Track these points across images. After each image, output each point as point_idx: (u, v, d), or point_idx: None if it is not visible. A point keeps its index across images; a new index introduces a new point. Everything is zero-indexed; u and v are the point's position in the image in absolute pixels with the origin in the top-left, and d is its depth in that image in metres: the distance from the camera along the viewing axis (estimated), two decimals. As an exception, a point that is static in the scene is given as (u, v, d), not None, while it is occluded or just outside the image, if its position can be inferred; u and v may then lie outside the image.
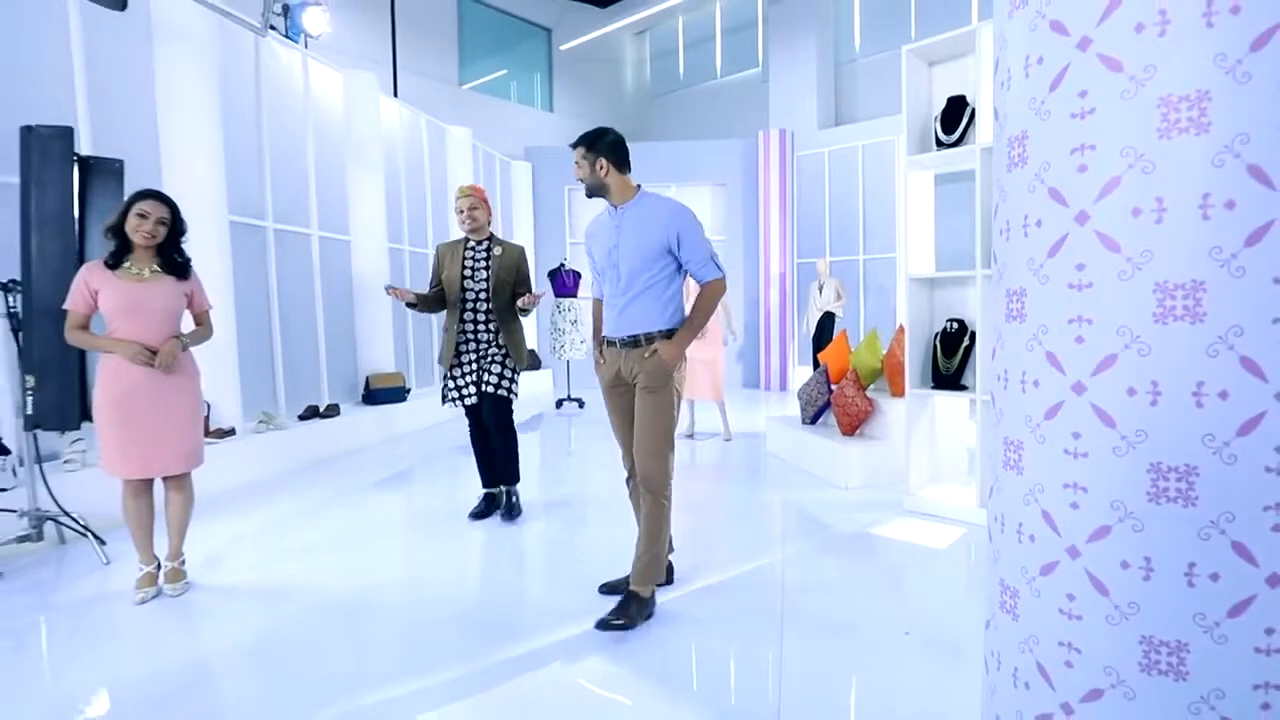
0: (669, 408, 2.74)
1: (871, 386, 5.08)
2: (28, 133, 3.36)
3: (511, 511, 4.06)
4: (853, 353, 5.21)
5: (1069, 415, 1.20)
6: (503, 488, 4.11)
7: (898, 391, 4.72)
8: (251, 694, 2.29)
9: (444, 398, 4.00)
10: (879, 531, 3.79)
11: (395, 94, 9.27)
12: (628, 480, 3.01)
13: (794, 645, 2.53)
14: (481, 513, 4.12)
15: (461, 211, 3.90)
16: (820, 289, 8.59)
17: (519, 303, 3.88)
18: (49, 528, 3.57)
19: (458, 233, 8.94)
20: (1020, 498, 1.31)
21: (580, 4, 13.72)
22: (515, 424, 4.09)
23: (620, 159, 2.81)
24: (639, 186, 2.87)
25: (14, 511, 3.44)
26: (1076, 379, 1.18)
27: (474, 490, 4.29)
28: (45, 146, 3.39)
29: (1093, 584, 1.17)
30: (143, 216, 2.90)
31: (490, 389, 3.90)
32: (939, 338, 4.04)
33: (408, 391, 7.26)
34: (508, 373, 3.93)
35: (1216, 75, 1.02)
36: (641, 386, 2.74)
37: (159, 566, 3.09)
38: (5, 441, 3.68)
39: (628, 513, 3.11)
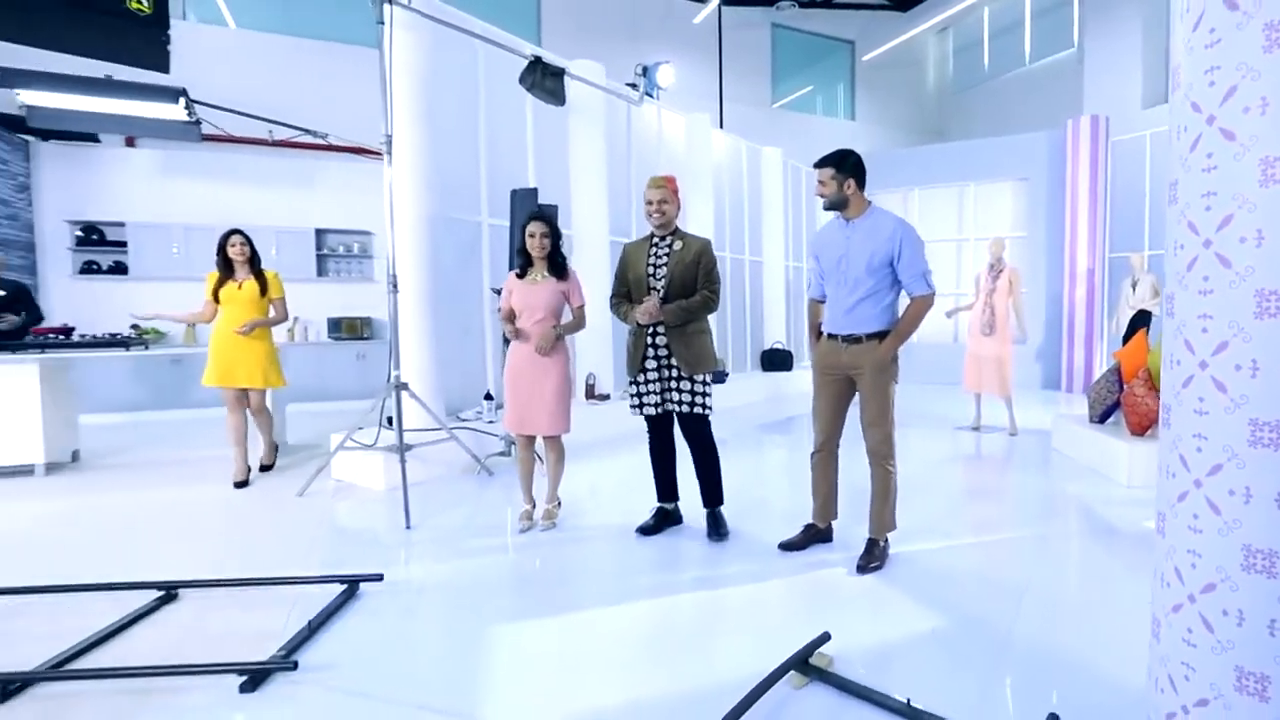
0: (889, 391, 3.02)
1: (1167, 387, 4.73)
2: (514, 193, 4.88)
3: (719, 530, 3.51)
4: (1150, 351, 4.86)
5: (1197, 385, 1.54)
6: (707, 509, 3.59)
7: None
8: (591, 592, 3.26)
9: (630, 405, 3.56)
10: (1151, 525, 3.72)
11: (721, 125, 10.31)
12: (813, 454, 3.30)
13: (1029, 612, 2.76)
14: (651, 528, 3.59)
15: (651, 203, 3.41)
16: (1134, 285, 7.63)
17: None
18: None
19: (771, 237, 9.74)
20: (1168, 445, 1.65)
21: (882, 12, 13.58)
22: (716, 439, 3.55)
23: (861, 178, 3.04)
24: (870, 204, 3.10)
25: (497, 436, 5.04)
26: (1202, 358, 1.53)
27: (735, 460, 4.69)
28: (524, 201, 4.87)
29: (1210, 507, 1.52)
30: (532, 235, 3.53)
31: (685, 408, 3.43)
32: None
33: (726, 375, 8.21)
34: (699, 388, 3.42)
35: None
36: (867, 375, 3.02)
37: (535, 506, 3.73)
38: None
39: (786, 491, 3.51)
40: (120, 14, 3.62)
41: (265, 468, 5.04)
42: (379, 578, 2.94)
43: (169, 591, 2.81)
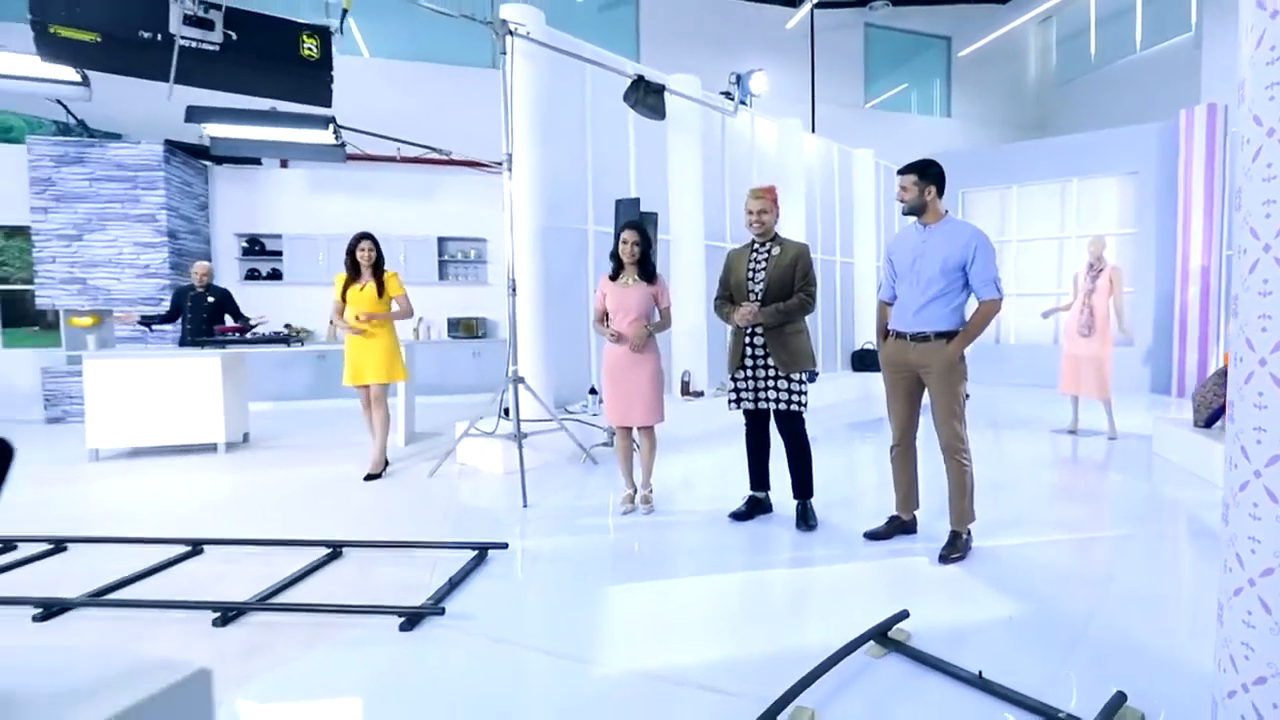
0: (958, 389, 3.08)
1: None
2: (618, 203, 5.19)
3: (808, 520, 3.63)
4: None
5: (1257, 380, 1.61)
6: (798, 501, 3.70)
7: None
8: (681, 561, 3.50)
9: (729, 401, 3.72)
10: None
11: (813, 129, 10.30)
12: (892, 449, 3.38)
13: (1110, 605, 2.81)
14: (743, 514, 3.78)
15: (751, 213, 3.55)
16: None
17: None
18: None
19: (863, 238, 9.67)
20: (1231, 438, 1.72)
21: (980, 5, 13.06)
22: (809, 436, 3.67)
23: (941, 186, 3.14)
24: (946, 211, 3.20)
25: (600, 428, 5.34)
26: (1261, 356, 1.60)
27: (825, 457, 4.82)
28: (628, 208, 5.18)
29: (1268, 496, 1.59)
30: (625, 242, 3.76)
31: (783, 405, 3.55)
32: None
33: (817, 374, 8.25)
34: (795, 385, 3.53)
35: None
36: (935, 373, 3.09)
37: (636, 491, 3.96)
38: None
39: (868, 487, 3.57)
40: (295, 60, 4.17)
41: (371, 477, 4.77)
42: (504, 546, 3.30)
43: (335, 549, 3.27)
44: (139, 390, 5.37)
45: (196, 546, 3.32)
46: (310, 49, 4.23)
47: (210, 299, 6.06)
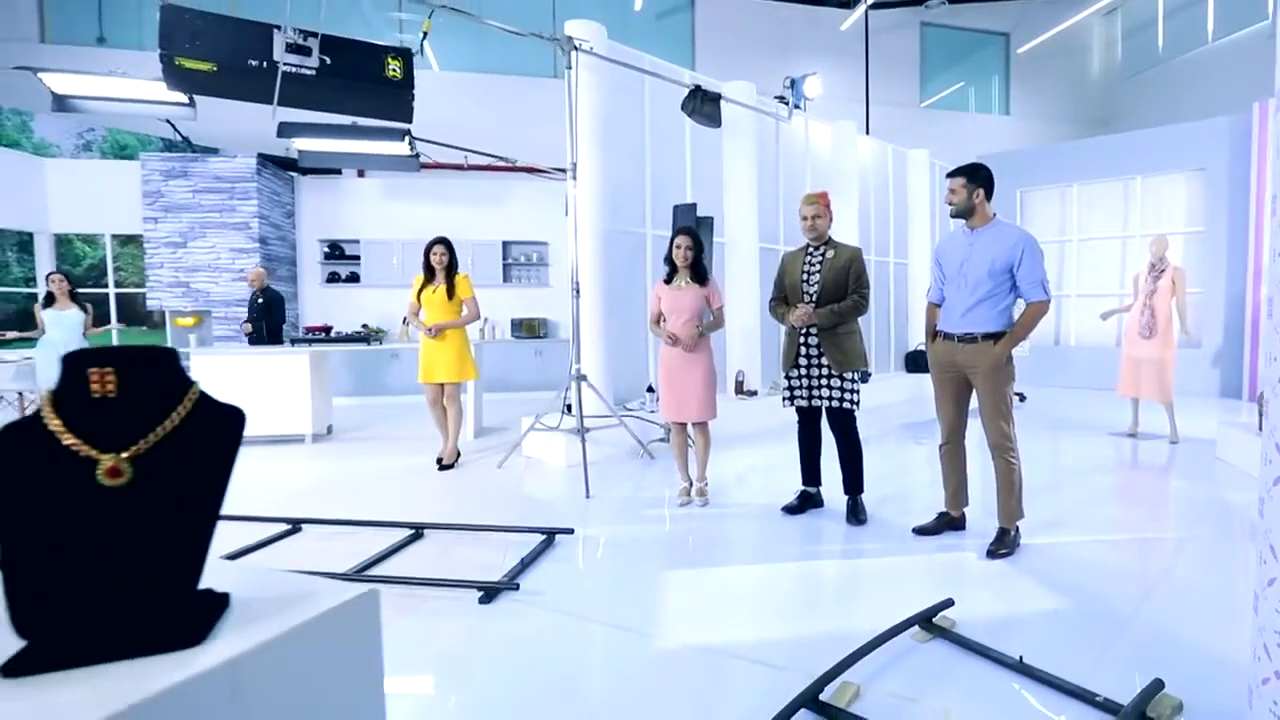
0: (1004, 389, 3.12)
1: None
2: (675, 208, 5.36)
3: (858, 515, 3.70)
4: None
5: (1289, 386, 1.68)
6: (848, 496, 3.78)
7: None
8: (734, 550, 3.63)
9: (783, 398, 3.83)
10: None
11: (867, 130, 10.24)
12: (941, 446, 3.43)
13: (1158, 602, 2.84)
14: (795, 508, 3.87)
15: (806, 219, 3.65)
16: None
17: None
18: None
19: (918, 239, 9.58)
20: (1267, 434, 1.78)
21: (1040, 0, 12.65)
22: (860, 434, 3.76)
23: (989, 190, 3.18)
24: (995, 214, 3.22)
25: (658, 424, 5.52)
26: (1293, 363, 1.66)
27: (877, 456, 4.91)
28: (685, 213, 5.34)
29: (1299, 494, 1.65)
30: (678, 247, 3.90)
31: (835, 403, 3.64)
32: None
33: (870, 375, 8.24)
34: (847, 384, 3.62)
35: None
36: (982, 373, 3.13)
37: (691, 485, 4.11)
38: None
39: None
40: (381, 80, 4.49)
41: (444, 466, 5.05)
42: (570, 531, 3.51)
43: (417, 531, 3.54)
44: (237, 384, 5.81)
45: (296, 525, 3.64)
46: (394, 69, 4.54)
47: (259, 300, 6.48)
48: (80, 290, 6.41)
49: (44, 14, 9.31)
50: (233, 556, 3.20)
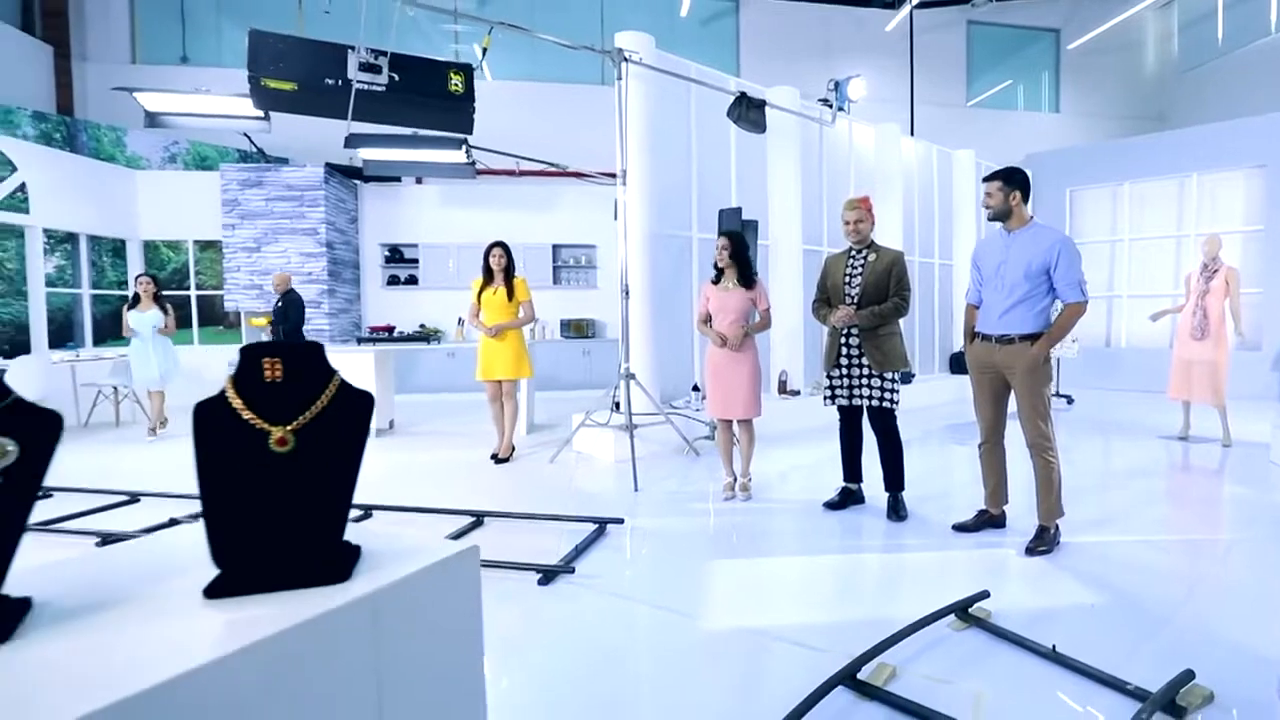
0: (1041, 389, 3.15)
1: None
2: (721, 212, 5.49)
3: (899, 511, 3.77)
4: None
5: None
6: (889, 493, 3.85)
7: None
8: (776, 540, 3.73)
9: (824, 397, 3.93)
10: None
11: (912, 132, 10.15)
12: (980, 445, 3.47)
13: (1198, 600, 2.84)
14: (836, 504, 3.94)
15: (848, 224, 3.74)
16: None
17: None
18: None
19: (962, 240, 9.47)
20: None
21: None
22: (900, 433, 3.82)
23: (1026, 193, 3.22)
24: (1032, 217, 3.25)
25: (702, 422, 5.64)
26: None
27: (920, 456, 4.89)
28: (730, 217, 5.46)
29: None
30: (722, 249, 4.06)
31: (875, 402, 3.72)
32: None
33: (913, 376, 8.20)
34: (887, 384, 3.69)
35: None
36: (1019, 374, 3.15)
37: (736, 480, 4.21)
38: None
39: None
40: (445, 95, 4.74)
41: (500, 460, 5.26)
42: (620, 521, 3.67)
43: (478, 518, 3.75)
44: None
45: (367, 510, 3.89)
46: (456, 84, 4.78)
47: (280, 304, 6.73)
48: (164, 293, 6.85)
49: (134, 37, 9.96)
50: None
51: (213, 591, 0.85)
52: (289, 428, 0.89)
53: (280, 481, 0.89)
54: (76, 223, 7.98)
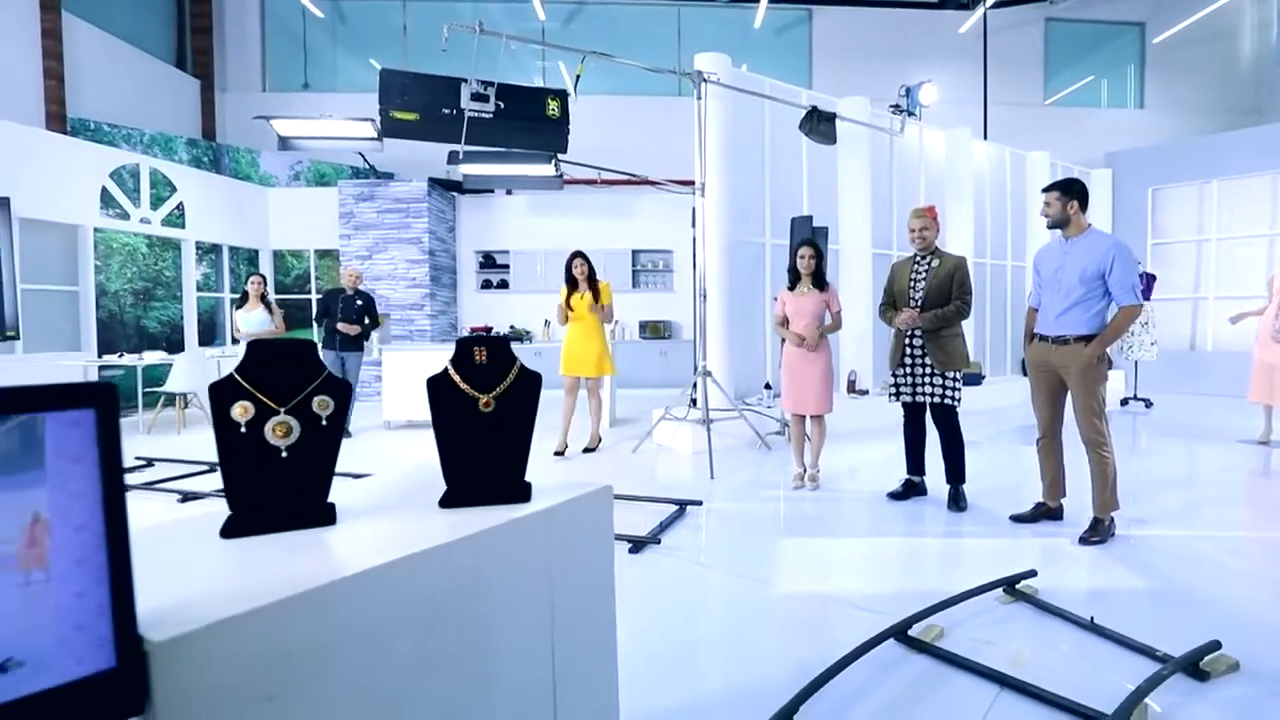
0: (1095, 387, 3.27)
1: None
2: (793, 220, 5.76)
3: (959, 503, 3.92)
4: None
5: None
6: (950, 486, 3.99)
7: None
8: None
9: (889, 394, 4.10)
10: None
11: (985, 132, 10.03)
12: (1038, 441, 3.58)
13: (1246, 590, 2.94)
14: (900, 495, 4.12)
15: (914, 231, 3.91)
16: None
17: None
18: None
19: (1035, 243, 9.31)
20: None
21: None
22: (962, 428, 3.96)
23: (1084, 202, 3.34)
24: (1089, 225, 3.36)
25: (773, 418, 5.90)
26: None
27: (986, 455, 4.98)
28: (802, 225, 5.72)
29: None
30: (802, 256, 4.24)
31: (937, 399, 3.87)
32: None
33: (983, 378, 8.17)
34: (949, 382, 3.84)
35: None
36: (1075, 373, 3.28)
37: (806, 471, 4.43)
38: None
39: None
40: (544, 119, 5.21)
41: (588, 449, 5.59)
42: (699, 503, 4.01)
43: (572, 495, 4.16)
44: (412, 374, 6.74)
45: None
46: (553, 109, 5.24)
47: (359, 302, 6.56)
48: (289, 296, 7.63)
49: (264, 68, 11.04)
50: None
51: (445, 503, 1.26)
52: (491, 394, 1.29)
53: (485, 432, 1.28)
54: (221, 235, 8.98)
